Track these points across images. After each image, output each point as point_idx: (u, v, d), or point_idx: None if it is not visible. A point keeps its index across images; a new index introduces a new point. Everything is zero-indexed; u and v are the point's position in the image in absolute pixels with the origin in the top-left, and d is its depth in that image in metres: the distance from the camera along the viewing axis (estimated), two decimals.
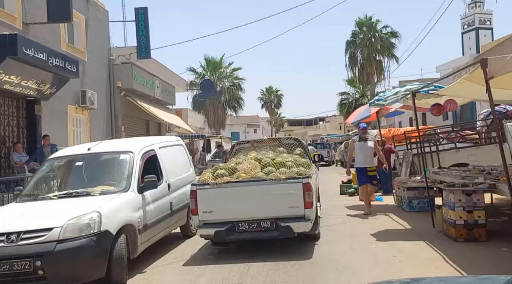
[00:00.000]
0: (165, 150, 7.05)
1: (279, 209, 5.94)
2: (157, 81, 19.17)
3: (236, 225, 5.96)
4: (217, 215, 6.03)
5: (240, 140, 11.49)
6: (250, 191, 6.04)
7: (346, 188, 12.54)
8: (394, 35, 33.01)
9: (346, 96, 39.12)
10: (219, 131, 30.16)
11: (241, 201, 6.05)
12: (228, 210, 6.04)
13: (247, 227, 5.98)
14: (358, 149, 8.94)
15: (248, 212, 6.00)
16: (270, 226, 5.93)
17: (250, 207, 6.00)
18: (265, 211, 5.97)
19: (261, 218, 5.96)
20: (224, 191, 6.06)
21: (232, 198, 6.06)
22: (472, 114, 24.67)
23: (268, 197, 6.02)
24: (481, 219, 6.00)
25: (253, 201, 6.03)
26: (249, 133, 67.87)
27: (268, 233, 6.00)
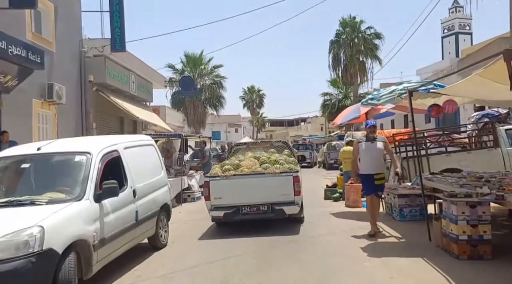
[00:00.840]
0: (132, 151, 6.18)
1: (274, 196, 7.58)
2: (132, 76, 18.14)
3: (240, 208, 7.62)
4: (225, 200, 7.61)
5: (238, 142, 12.79)
6: (252, 182, 7.68)
7: (331, 193, 11.87)
8: (378, 36, 32.70)
9: (329, 97, 38.67)
10: (199, 130, 29.19)
11: (244, 189, 7.62)
12: (234, 196, 7.61)
13: (249, 210, 7.65)
14: (363, 152, 7.22)
15: (250, 198, 7.60)
16: (267, 209, 7.64)
17: (251, 195, 7.59)
18: (263, 198, 7.60)
19: (260, 203, 7.61)
20: (231, 182, 7.67)
21: (237, 187, 7.65)
22: (456, 117, 24.44)
23: (265, 187, 7.61)
24: (486, 235, 5.35)
25: (254, 190, 7.60)
26: (230, 132, 66.98)
27: (265, 215, 7.69)
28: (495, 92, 5.34)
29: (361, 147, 7.28)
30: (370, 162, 7.15)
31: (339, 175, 13.44)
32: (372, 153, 7.16)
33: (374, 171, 7.14)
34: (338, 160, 24.40)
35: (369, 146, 7.18)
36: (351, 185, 10.38)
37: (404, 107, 7.88)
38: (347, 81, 32.93)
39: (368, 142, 7.22)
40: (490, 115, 10.97)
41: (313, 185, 15.37)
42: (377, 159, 7.22)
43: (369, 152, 7.16)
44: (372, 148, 7.17)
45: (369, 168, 7.15)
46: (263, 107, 72.69)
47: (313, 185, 15.55)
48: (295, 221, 8.22)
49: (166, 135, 13.97)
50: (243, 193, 7.61)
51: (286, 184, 7.60)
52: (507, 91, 3.90)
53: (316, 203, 11.22)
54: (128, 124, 19.24)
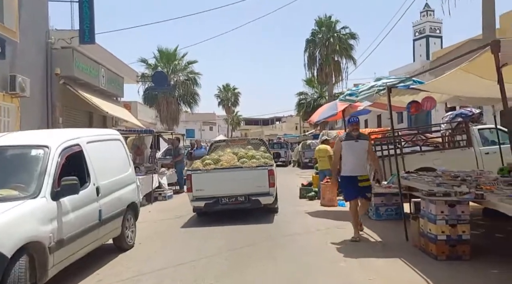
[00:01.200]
0: (96, 145, 5.76)
1: (250, 188, 8.26)
2: (102, 70, 17.46)
3: (220, 199, 8.26)
4: (206, 192, 8.25)
5: (217, 140, 13.83)
6: (230, 175, 8.33)
7: (306, 192, 11.69)
8: (353, 36, 32.90)
9: (304, 96, 38.69)
10: (172, 127, 28.54)
11: (223, 182, 8.26)
12: (214, 188, 8.25)
13: (228, 201, 8.31)
14: (346, 152, 6.58)
15: (229, 190, 8.26)
16: (244, 200, 8.30)
17: (230, 187, 8.25)
18: (240, 189, 8.29)
19: (238, 194, 8.30)
20: (212, 175, 8.33)
21: (217, 180, 8.30)
22: (427, 116, 24.81)
23: (243, 179, 8.27)
24: (465, 234, 5.22)
25: (232, 182, 8.24)
26: (204, 130, 66.30)
27: (243, 205, 8.36)
28: (479, 88, 5.21)
29: (344, 146, 6.63)
30: (354, 163, 6.54)
31: (314, 174, 13.29)
32: (355, 153, 6.55)
33: (358, 172, 6.55)
34: (313, 158, 24.47)
35: (353, 146, 6.55)
36: (326, 184, 10.21)
37: (381, 104, 7.72)
38: (322, 80, 33.00)
39: (352, 141, 6.58)
40: (464, 114, 11.03)
41: (288, 184, 15.19)
42: (361, 160, 6.62)
43: (352, 152, 6.55)
44: (355, 148, 6.55)
45: (353, 169, 6.55)
46: (238, 105, 72.34)
47: (288, 183, 15.37)
48: (270, 217, 8.37)
49: (136, 131, 13.45)
50: (223, 185, 8.29)
51: (262, 177, 8.30)
52: (491, 87, 3.74)
53: (292, 201, 11.01)
54: (97, 119, 18.52)
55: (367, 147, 6.67)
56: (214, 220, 8.51)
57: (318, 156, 11.60)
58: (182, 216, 9.35)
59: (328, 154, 11.34)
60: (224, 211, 8.63)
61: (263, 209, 8.74)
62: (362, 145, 6.60)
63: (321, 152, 11.50)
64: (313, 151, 26.24)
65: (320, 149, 11.60)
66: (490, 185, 5.73)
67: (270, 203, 8.49)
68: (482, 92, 5.70)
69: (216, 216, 8.84)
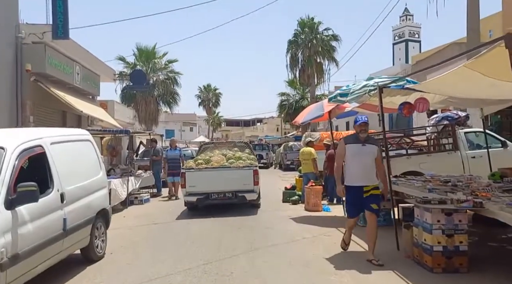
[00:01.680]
0: (62, 146, 5.19)
1: (237, 185, 9.26)
2: (77, 67, 16.66)
3: (210, 195, 9.31)
4: (198, 188, 9.30)
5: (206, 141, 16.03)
6: (220, 174, 9.37)
7: (289, 196, 11.27)
8: (335, 38, 32.75)
9: (286, 97, 38.38)
10: (151, 127, 27.72)
11: (213, 180, 9.30)
12: (205, 185, 9.29)
13: (217, 196, 9.33)
14: (351, 156, 5.57)
15: (218, 187, 9.27)
16: (231, 196, 9.32)
17: (219, 184, 9.26)
18: (228, 186, 9.26)
19: (226, 191, 9.30)
20: (203, 173, 9.42)
21: (208, 178, 9.34)
22: (408, 119, 24.81)
23: (231, 177, 9.29)
24: (463, 245, 4.87)
25: (221, 180, 9.26)
26: (184, 131, 65.45)
27: (230, 200, 9.38)
28: (479, 88, 4.88)
29: (348, 150, 5.60)
30: (360, 171, 5.50)
31: (298, 177, 12.92)
32: (362, 159, 5.51)
33: (364, 182, 5.48)
34: (295, 161, 24.11)
35: (360, 150, 5.53)
36: (311, 188, 9.82)
37: (370, 106, 7.35)
38: (304, 82, 32.75)
39: (358, 144, 5.55)
40: (450, 117, 10.81)
41: (270, 187, 14.77)
42: (369, 167, 5.54)
43: (359, 158, 5.51)
44: (363, 153, 5.51)
45: (359, 178, 5.49)
46: (219, 106, 71.73)
47: (270, 186, 14.95)
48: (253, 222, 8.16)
49: (111, 131, 12.79)
50: (213, 183, 9.32)
51: (248, 176, 9.37)
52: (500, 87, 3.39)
53: (274, 206, 10.59)
54: (71, 118, 17.70)
55: (376, 153, 5.58)
56: (193, 229, 8.03)
57: (302, 159, 11.22)
58: (159, 223, 8.81)
59: (312, 157, 10.96)
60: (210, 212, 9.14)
61: (246, 214, 8.98)
62: (370, 150, 5.55)
63: (305, 155, 11.13)
64: (295, 153, 26.10)
65: (304, 152, 11.23)
66: (485, 192, 5.42)
67: (254, 199, 9.58)
68: (481, 92, 5.40)
69: (196, 225, 8.42)
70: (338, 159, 5.85)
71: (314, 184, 10.09)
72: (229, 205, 10.68)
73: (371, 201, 5.48)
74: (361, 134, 5.60)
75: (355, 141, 5.64)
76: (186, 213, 10.08)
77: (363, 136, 5.59)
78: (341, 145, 5.79)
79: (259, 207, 10.01)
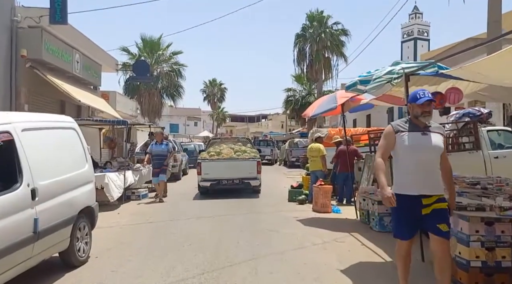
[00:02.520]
0: (36, 134, 4.47)
1: (244, 173, 11.19)
2: (77, 55, 15.97)
3: (221, 181, 11.22)
4: (211, 175, 11.20)
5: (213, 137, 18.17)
6: (229, 164, 11.27)
7: (296, 195, 10.52)
8: (345, 33, 31.85)
9: (293, 92, 37.51)
10: (154, 120, 27.06)
11: (224, 168, 11.19)
12: (217, 173, 11.18)
13: (227, 182, 11.24)
14: (404, 150, 3.74)
15: (228, 175, 11.17)
16: (239, 182, 11.25)
17: (228, 172, 11.16)
18: (236, 174, 11.17)
19: (234, 178, 11.21)
20: (216, 163, 11.33)
21: (219, 167, 11.23)
22: None
23: (238, 167, 11.19)
24: (505, 261, 4.11)
25: (230, 169, 11.16)
26: (189, 125, 64.84)
27: (238, 185, 11.32)
28: None
29: (403, 141, 3.74)
30: (419, 173, 3.66)
31: (305, 175, 12.16)
32: (424, 154, 3.69)
33: (426, 190, 3.66)
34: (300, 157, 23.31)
35: (419, 142, 3.70)
36: (320, 187, 9.07)
37: (391, 98, 6.57)
38: (311, 77, 31.91)
39: (417, 133, 3.73)
40: (472, 114, 10.01)
41: (275, 185, 14.05)
42: (433, 167, 3.72)
43: (418, 153, 3.68)
44: (424, 146, 3.69)
45: (416, 184, 3.66)
46: (224, 101, 71.16)
47: (276, 184, 14.23)
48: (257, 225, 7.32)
49: (108, 122, 12.07)
50: (223, 171, 11.21)
51: (253, 166, 11.34)
52: None
53: (279, 206, 9.85)
54: (70, 109, 17.01)
55: (442, 146, 3.77)
56: (191, 230, 7.32)
57: (310, 155, 10.46)
58: (154, 222, 8.10)
59: (322, 153, 10.21)
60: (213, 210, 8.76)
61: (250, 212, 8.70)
62: (435, 141, 3.71)
63: (313, 152, 10.37)
64: (301, 150, 25.32)
65: (313, 148, 10.47)
66: None
67: (257, 185, 11.58)
68: None
69: (195, 225, 7.73)
70: (383, 153, 3.87)
71: (323, 183, 9.33)
72: (233, 203, 10.02)
73: (436, 219, 3.63)
74: (423, 117, 3.73)
75: (412, 128, 3.76)
76: (185, 209, 9.39)
77: (424, 121, 3.75)
78: (389, 133, 3.84)
79: (260, 192, 11.88)
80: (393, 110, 28.29)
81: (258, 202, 10.47)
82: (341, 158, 10.12)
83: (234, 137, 16.14)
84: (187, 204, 10.42)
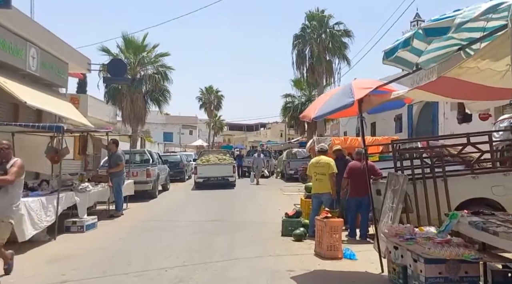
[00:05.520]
0: None
1: (224, 173, 17.96)
2: (32, 49, 13.31)
3: (209, 178, 17.81)
4: (204, 174, 17.86)
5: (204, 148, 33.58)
6: (216, 167, 18.16)
7: (292, 226, 7.76)
8: (347, 34, 29.27)
9: (291, 99, 34.83)
10: (136, 128, 24.31)
11: (212, 170, 18.00)
12: (207, 173, 17.90)
13: (214, 179, 17.75)
14: None
15: (214, 174, 17.91)
16: (221, 179, 17.78)
17: (215, 172, 17.96)
18: (220, 173, 17.96)
19: (219, 176, 17.89)
20: (206, 167, 18.21)
21: (209, 169, 18.06)
22: (434, 123, 21.11)
23: (221, 169, 18.07)
24: None
25: (217, 170, 18.02)
26: (184, 134, 62.27)
27: (221, 181, 17.72)
28: None
29: None
30: None
31: (304, 197, 9.44)
32: None
33: None
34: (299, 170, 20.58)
35: None
36: (326, 221, 6.32)
37: (451, 84, 3.86)
38: (312, 81, 29.34)
39: None
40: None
41: (268, 207, 11.41)
42: None
43: None
44: None
45: None
46: (221, 109, 68.47)
47: (268, 206, 11.59)
48: None
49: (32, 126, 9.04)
50: (211, 171, 17.82)
51: (230, 168, 18.06)
52: None
53: (269, 244, 7.10)
54: (27, 114, 14.28)
55: None
56: None
57: (316, 172, 7.72)
58: (71, 281, 5.32)
59: (332, 171, 7.54)
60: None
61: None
62: None
63: (321, 167, 7.65)
64: (299, 161, 22.54)
65: (321, 162, 7.73)
66: None
67: (233, 181, 17.98)
68: None
69: None
70: None
71: (330, 214, 6.58)
72: (203, 239, 7.46)
73: None
74: None
75: None
76: (134, 250, 6.66)
77: None
78: None
79: (235, 186, 18.01)
80: (401, 118, 25.59)
81: (240, 237, 7.76)
82: (353, 178, 7.44)
83: (218, 150, 24.41)
84: (141, 240, 7.69)
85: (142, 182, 13.45)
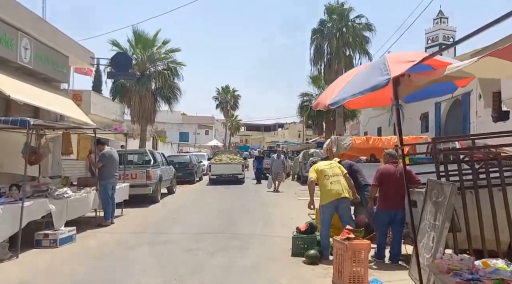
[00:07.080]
0: None
1: (234, 171, 21.26)
2: (25, 39, 12.21)
3: (222, 175, 21.06)
4: (217, 172, 21.19)
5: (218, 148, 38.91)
6: (227, 166, 21.45)
7: (304, 245, 6.31)
8: (369, 27, 27.52)
9: (309, 97, 33.21)
10: (145, 127, 23.18)
11: (224, 168, 21.30)
12: (220, 170, 21.19)
13: (226, 176, 20.99)
14: None
15: (226, 171, 21.19)
16: (232, 176, 21.04)
17: (227, 170, 21.24)
18: (231, 171, 21.23)
19: (230, 174, 21.14)
20: (219, 165, 21.47)
21: (221, 167, 21.31)
22: (465, 122, 19.27)
23: (232, 167, 21.35)
24: None
25: (228, 168, 21.29)
26: (199, 134, 61.33)
27: (231, 178, 21.01)
28: None
29: None
30: None
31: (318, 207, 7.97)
32: None
33: None
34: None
35: None
36: (348, 244, 4.84)
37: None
38: (330, 78, 27.69)
39: None
40: None
41: (279, 216, 9.94)
42: None
43: None
44: None
45: None
46: (238, 109, 67.53)
47: (279, 215, 10.11)
48: None
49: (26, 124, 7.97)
50: (223, 169, 20.96)
51: (239, 167, 21.27)
52: None
53: (275, 268, 5.67)
54: (20, 109, 13.25)
55: None
56: None
57: (327, 175, 6.27)
58: None
59: (345, 172, 6.12)
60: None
61: None
62: None
63: (334, 169, 6.22)
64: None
65: (332, 164, 6.31)
66: None
67: (242, 177, 21.17)
68: None
69: None
70: None
71: (352, 234, 5.09)
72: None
73: None
74: None
75: None
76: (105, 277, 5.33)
77: None
78: None
79: (244, 182, 21.06)
80: (428, 116, 23.77)
81: (241, 257, 6.35)
82: (384, 185, 5.95)
83: (230, 150, 28.86)
84: (119, 261, 6.35)
85: (141, 185, 12.17)
